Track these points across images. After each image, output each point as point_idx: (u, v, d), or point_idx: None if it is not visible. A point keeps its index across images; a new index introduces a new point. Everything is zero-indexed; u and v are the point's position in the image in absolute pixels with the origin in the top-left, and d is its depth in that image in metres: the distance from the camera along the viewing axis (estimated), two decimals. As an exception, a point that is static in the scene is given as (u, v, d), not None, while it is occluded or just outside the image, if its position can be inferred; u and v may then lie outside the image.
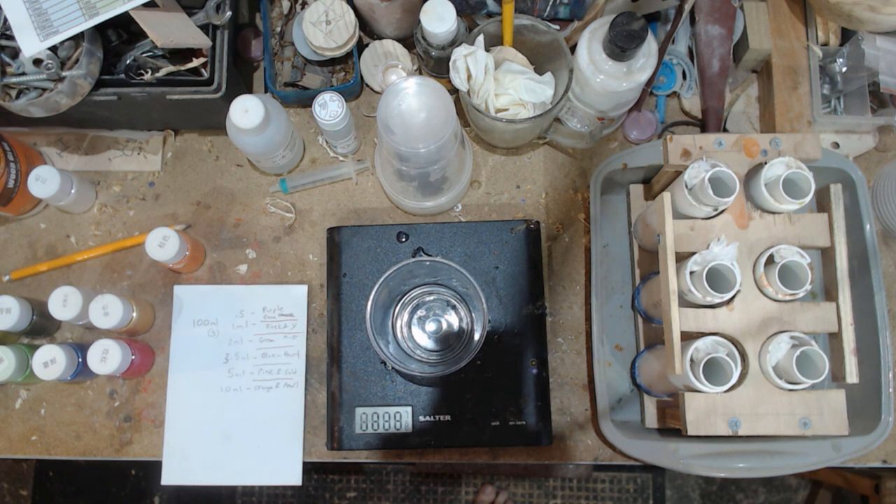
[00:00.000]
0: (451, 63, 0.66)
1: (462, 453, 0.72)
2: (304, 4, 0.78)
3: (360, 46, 0.78)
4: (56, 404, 0.75)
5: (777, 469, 0.65)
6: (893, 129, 0.78)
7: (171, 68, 0.70)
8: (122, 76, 0.69)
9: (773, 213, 0.63)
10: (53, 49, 0.65)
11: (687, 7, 0.73)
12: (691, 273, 0.61)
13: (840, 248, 0.64)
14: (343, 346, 0.70)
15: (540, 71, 0.71)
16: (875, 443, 0.66)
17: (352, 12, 0.72)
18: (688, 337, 0.61)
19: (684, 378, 0.59)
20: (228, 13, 0.69)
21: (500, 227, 0.72)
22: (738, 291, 0.61)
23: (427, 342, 0.68)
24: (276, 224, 0.78)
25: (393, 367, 0.69)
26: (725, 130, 0.79)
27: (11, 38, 0.63)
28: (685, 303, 0.62)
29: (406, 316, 0.69)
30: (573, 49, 0.68)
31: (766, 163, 0.62)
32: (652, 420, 0.70)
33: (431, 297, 0.69)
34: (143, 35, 0.66)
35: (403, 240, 0.72)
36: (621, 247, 0.76)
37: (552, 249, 0.77)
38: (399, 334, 0.68)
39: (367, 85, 0.80)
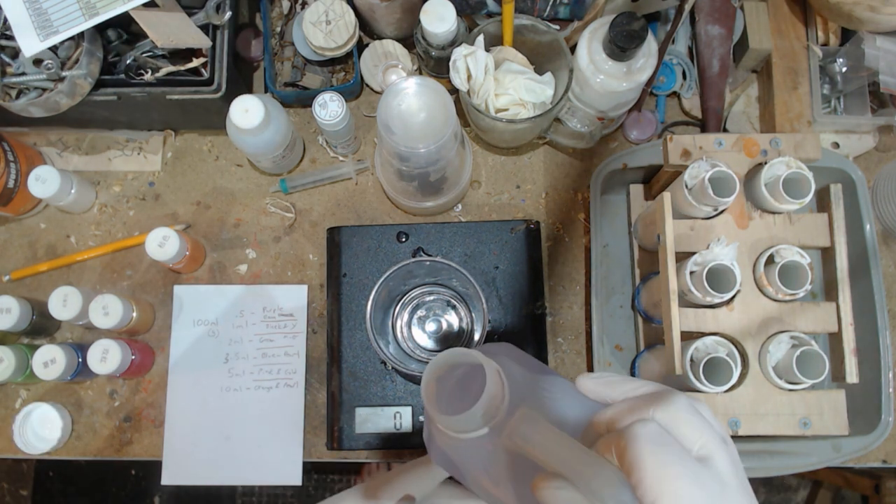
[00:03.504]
0: (451, 63, 0.66)
1: (462, 453, 0.72)
2: (304, 4, 0.78)
3: (360, 46, 0.78)
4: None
5: (777, 469, 0.65)
6: (893, 129, 0.78)
7: (171, 68, 0.70)
8: (122, 76, 0.69)
9: (773, 213, 0.63)
10: (53, 49, 0.65)
11: (687, 7, 0.73)
12: (691, 273, 0.60)
13: (840, 248, 0.64)
14: (343, 346, 0.70)
15: (540, 71, 0.71)
16: (875, 443, 0.66)
17: (352, 12, 0.72)
18: (688, 337, 0.61)
19: (684, 378, 0.59)
20: (228, 13, 0.69)
21: (500, 227, 0.72)
22: (738, 291, 0.61)
23: (427, 342, 0.68)
24: (276, 224, 0.78)
25: (393, 367, 0.69)
26: (725, 130, 0.79)
27: (11, 38, 0.63)
28: (685, 303, 0.62)
29: (406, 316, 0.69)
30: (573, 49, 0.68)
31: (766, 163, 0.62)
32: (652, 420, 0.70)
33: (431, 297, 0.69)
34: (143, 35, 0.66)
35: (403, 240, 0.72)
36: (621, 247, 0.76)
37: (552, 249, 0.77)
38: (399, 334, 0.68)
39: (367, 85, 0.80)
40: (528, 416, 0.32)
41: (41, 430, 0.72)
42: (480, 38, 0.67)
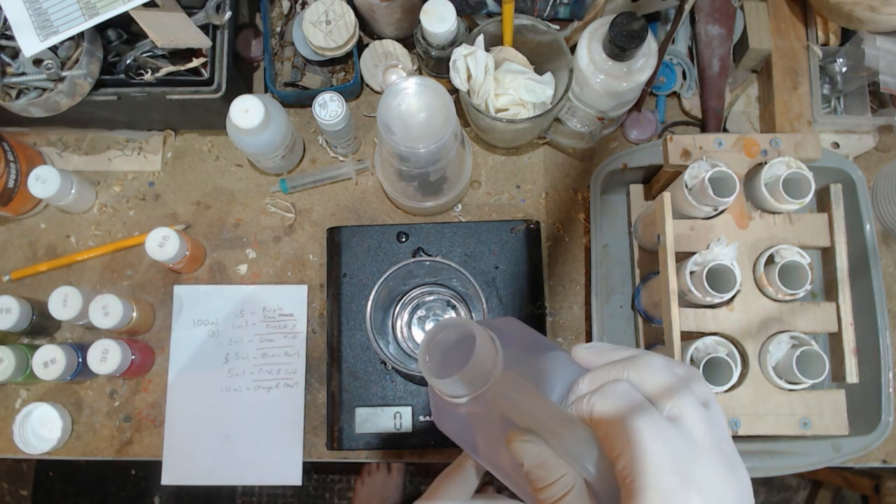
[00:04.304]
0: (451, 63, 0.66)
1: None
2: (304, 4, 0.78)
3: (360, 46, 0.78)
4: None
5: (777, 469, 0.65)
6: (893, 129, 0.78)
7: (171, 68, 0.70)
8: (122, 76, 0.69)
9: (773, 213, 0.63)
10: (53, 49, 0.65)
11: (687, 7, 0.73)
12: (691, 273, 0.61)
13: (840, 248, 0.64)
14: (343, 346, 0.70)
15: (540, 71, 0.71)
16: (875, 443, 0.66)
17: (352, 12, 0.72)
18: (688, 337, 0.61)
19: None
20: (228, 13, 0.69)
21: (500, 227, 0.72)
22: (738, 291, 0.61)
23: (427, 342, 0.68)
24: (276, 224, 0.78)
25: (393, 367, 0.69)
26: (725, 130, 0.79)
27: (11, 38, 0.63)
28: (685, 303, 0.62)
29: (406, 316, 0.69)
30: (573, 49, 0.68)
31: (766, 163, 0.62)
32: (652, 420, 0.70)
33: (431, 297, 0.69)
34: (143, 35, 0.66)
35: (403, 240, 0.72)
36: (621, 247, 0.76)
37: (552, 249, 0.77)
38: (399, 334, 0.68)
39: (367, 85, 0.80)
40: (511, 378, 0.33)
41: (41, 430, 0.72)
42: (480, 38, 0.67)
